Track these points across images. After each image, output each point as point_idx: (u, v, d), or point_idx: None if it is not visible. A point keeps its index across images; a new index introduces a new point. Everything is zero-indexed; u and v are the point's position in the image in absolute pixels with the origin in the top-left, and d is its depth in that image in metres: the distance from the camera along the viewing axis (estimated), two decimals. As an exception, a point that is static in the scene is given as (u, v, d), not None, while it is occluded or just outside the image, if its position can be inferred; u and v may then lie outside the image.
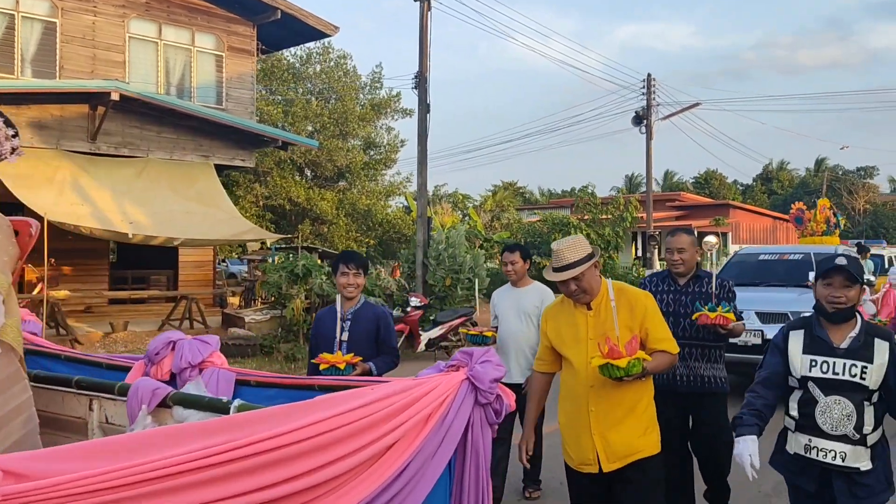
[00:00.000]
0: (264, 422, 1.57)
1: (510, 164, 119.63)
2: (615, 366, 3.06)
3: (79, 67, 14.54)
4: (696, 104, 26.05)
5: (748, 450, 3.15)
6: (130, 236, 11.98)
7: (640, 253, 32.40)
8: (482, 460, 2.13)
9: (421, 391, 1.92)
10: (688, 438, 4.59)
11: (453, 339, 13.03)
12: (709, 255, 5.12)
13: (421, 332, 12.67)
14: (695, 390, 4.41)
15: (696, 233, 4.57)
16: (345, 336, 4.12)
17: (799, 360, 3.21)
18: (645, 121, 25.43)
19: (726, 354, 4.69)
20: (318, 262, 14.41)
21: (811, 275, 8.10)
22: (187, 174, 14.79)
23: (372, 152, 33.90)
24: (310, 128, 32.59)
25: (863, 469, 3.11)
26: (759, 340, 7.79)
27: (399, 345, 12.50)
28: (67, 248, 14.20)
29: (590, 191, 26.92)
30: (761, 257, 9.36)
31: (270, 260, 17.44)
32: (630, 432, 3.37)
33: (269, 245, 20.34)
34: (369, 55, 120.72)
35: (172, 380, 2.25)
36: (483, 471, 2.12)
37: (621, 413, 3.36)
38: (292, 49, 32.15)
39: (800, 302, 7.91)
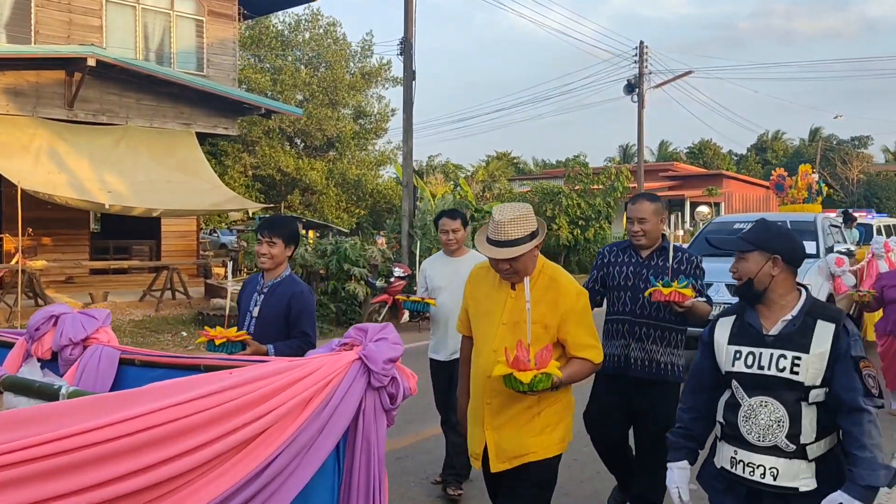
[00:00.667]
0: (96, 410, 1.39)
1: (505, 135, 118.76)
2: (518, 380, 2.66)
3: (54, 32, 14.17)
4: (689, 72, 25.73)
5: (675, 481, 2.69)
6: (107, 206, 11.75)
7: (631, 223, 32.22)
8: (374, 451, 1.88)
9: (299, 373, 1.71)
10: (630, 427, 4.09)
11: (438, 309, 12.87)
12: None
13: (405, 303, 12.50)
14: (648, 376, 3.87)
15: (662, 200, 3.97)
16: (256, 311, 3.73)
17: (724, 353, 2.61)
18: (637, 89, 25.12)
19: (695, 329, 4.20)
20: (301, 231, 14.21)
21: None
22: (168, 142, 14.51)
23: (362, 121, 33.51)
24: (299, 96, 32.17)
25: (802, 489, 2.43)
26: None
27: (382, 317, 12.45)
28: (46, 217, 13.97)
29: (581, 160, 26.57)
30: (737, 226, 8.71)
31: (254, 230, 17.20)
32: (525, 430, 2.95)
33: (251, 214, 20.08)
34: (359, 24, 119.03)
35: (55, 358, 2.06)
36: (375, 464, 1.87)
37: (519, 408, 2.96)
38: (280, 16, 31.65)
39: None
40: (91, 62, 12.72)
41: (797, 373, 2.42)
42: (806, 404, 2.44)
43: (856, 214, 14.93)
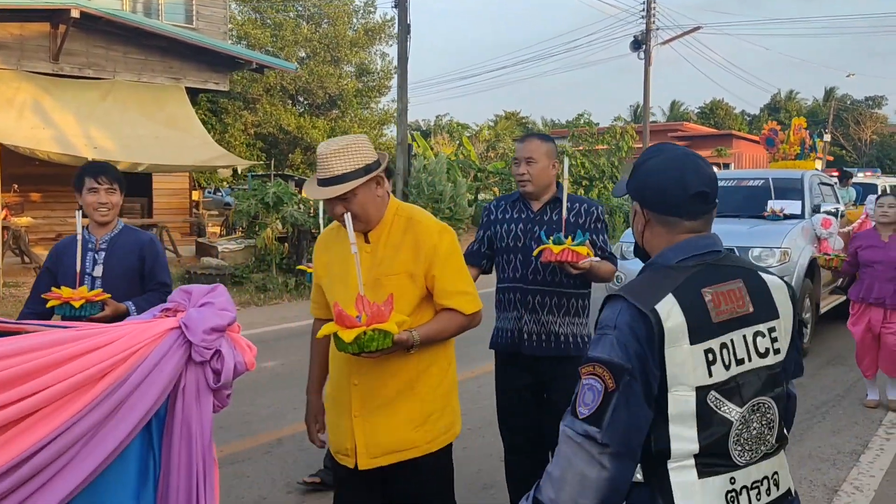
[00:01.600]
0: None
1: (514, 95, 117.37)
2: (340, 339, 2.15)
3: (38, -17, 13.79)
4: (697, 28, 25.04)
5: None
6: (89, 161, 11.49)
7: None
8: (197, 439, 1.60)
9: (93, 342, 1.47)
10: (539, 411, 3.34)
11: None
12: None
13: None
14: (546, 352, 3.21)
15: (556, 143, 3.37)
16: (98, 271, 3.24)
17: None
18: (644, 46, 24.51)
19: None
20: (293, 189, 13.97)
21: (770, 203, 7.57)
22: (156, 97, 14.21)
23: (365, 79, 32.97)
24: (301, 53, 31.68)
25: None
26: None
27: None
28: (36, 173, 13.77)
29: (585, 119, 26.07)
30: (719, 184, 8.45)
31: (249, 189, 16.98)
32: (402, 420, 2.43)
33: (241, 172, 19.83)
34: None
35: None
36: (199, 453, 1.61)
37: (393, 391, 2.43)
38: (281, -31, 30.94)
39: (751, 236, 7.00)
40: (75, 14, 12.39)
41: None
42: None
43: (860, 174, 14.51)
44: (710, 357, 1.56)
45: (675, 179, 1.66)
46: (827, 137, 41.07)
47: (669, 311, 1.52)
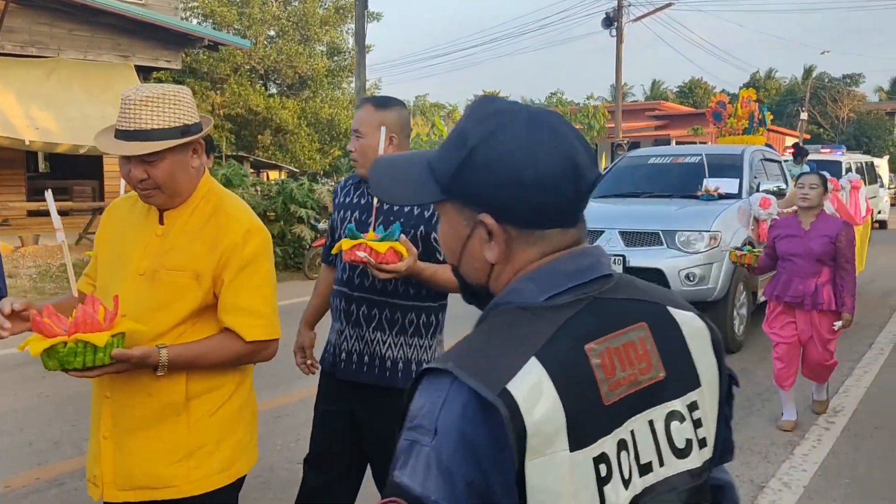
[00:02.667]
0: None
1: (495, 75, 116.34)
2: (37, 348, 1.72)
3: (-24, -44, 13.20)
4: (669, 4, 24.67)
5: None
6: (27, 143, 11.05)
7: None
8: None
9: None
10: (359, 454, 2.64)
11: (386, 252, 12.31)
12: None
13: (350, 245, 11.92)
14: (367, 379, 2.48)
15: (403, 109, 2.58)
16: None
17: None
18: (615, 23, 24.13)
19: None
20: (246, 171, 13.60)
21: (705, 182, 7.22)
22: (104, 76, 13.69)
23: (337, 58, 32.36)
24: (271, 32, 31.05)
25: None
26: (619, 269, 6.36)
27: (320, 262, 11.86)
28: (-20, 156, 13.27)
29: (558, 98, 25.74)
30: (651, 160, 7.65)
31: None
32: (161, 450, 1.93)
33: None
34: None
35: None
36: None
37: (151, 412, 1.93)
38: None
39: (678, 218, 6.42)
40: (12, -12, 11.85)
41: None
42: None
43: (823, 150, 14.20)
44: (604, 470, 0.89)
45: (563, 163, 0.94)
46: (803, 116, 41.00)
47: (533, 394, 0.85)
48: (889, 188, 21.88)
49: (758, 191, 6.79)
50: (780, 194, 7.00)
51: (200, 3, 29.03)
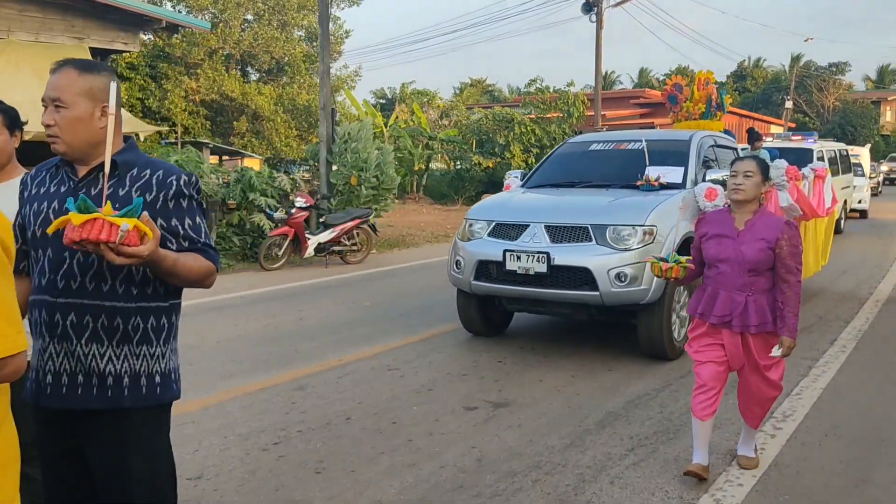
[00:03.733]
0: None
1: (484, 62, 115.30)
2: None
3: (-82, -68, 12.65)
4: (650, -11, 24.20)
5: None
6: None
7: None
8: None
9: None
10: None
11: (347, 242, 11.94)
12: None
13: (309, 236, 11.53)
14: (83, 403, 2.05)
15: (109, 74, 2.17)
16: None
17: None
18: (595, 8, 23.71)
19: (502, 286, 2.71)
20: (202, 158, 13.14)
21: (648, 171, 6.81)
22: (56, 58, 13.09)
23: (315, 43, 31.73)
24: (249, 16, 30.40)
25: None
26: (543, 268, 5.59)
27: (283, 250, 11.50)
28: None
29: (537, 85, 25.30)
30: (592, 147, 6.94)
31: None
32: None
33: (143, 139, 18.84)
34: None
35: None
36: None
37: None
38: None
39: (611, 211, 5.80)
40: (-46, -34, 11.31)
41: None
42: None
43: (793, 137, 13.70)
44: None
45: None
46: (788, 104, 40.67)
47: None
48: (871, 177, 21.54)
49: (704, 180, 6.10)
50: (725, 184, 6.53)
51: (174, -15, 28.38)
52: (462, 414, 4.93)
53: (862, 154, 22.56)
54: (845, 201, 14.28)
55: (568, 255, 5.56)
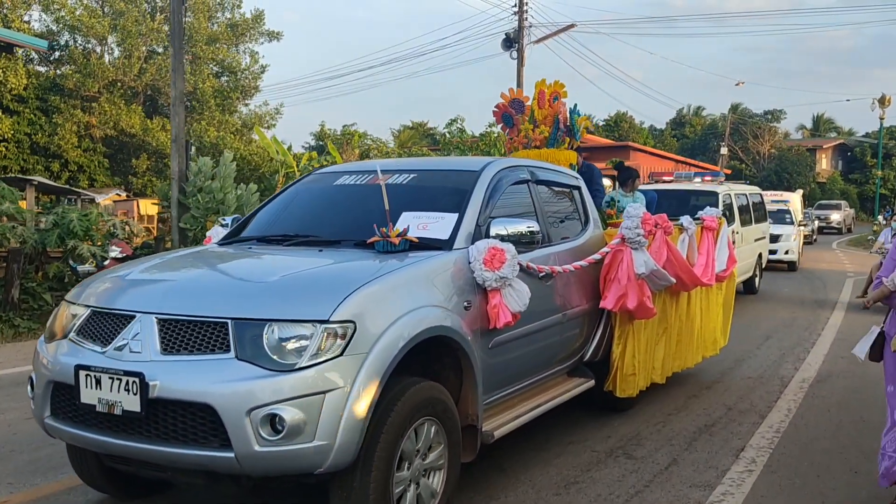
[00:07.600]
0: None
1: (422, 105, 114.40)
2: None
3: None
4: (571, 26, 23.06)
5: None
6: None
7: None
8: None
9: None
10: None
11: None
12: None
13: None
14: None
15: None
16: None
17: None
18: (516, 44, 22.38)
19: (81, 432, 2.16)
20: (14, 197, 11.04)
21: (405, 217, 3.65)
22: None
23: (226, 79, 29.80)
24: (159, 49, 28.30)
25: None
26: (135, 403, 3.05)
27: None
28: None
29: (458, 126, 23.75)
30: (341, 180, 4.55)
31: None
32: None
33: None
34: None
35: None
36: None
37: None
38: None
39: (276, 291, 3.27)
40: None
41: None
42: None
43: (697, 179, 11.86)
44: None
45: None
46: (724, 151, 40.11)
47: None
48: (802, 224, 20.17)
49: (487, 236, 3.82)
50: (532, 241, 3.98)
51: (68, 12, 26.24)
52: None
53: (792, 200, 21.29)
54: (759, 255, 12.45)
55: (179, 379, 3.02)
